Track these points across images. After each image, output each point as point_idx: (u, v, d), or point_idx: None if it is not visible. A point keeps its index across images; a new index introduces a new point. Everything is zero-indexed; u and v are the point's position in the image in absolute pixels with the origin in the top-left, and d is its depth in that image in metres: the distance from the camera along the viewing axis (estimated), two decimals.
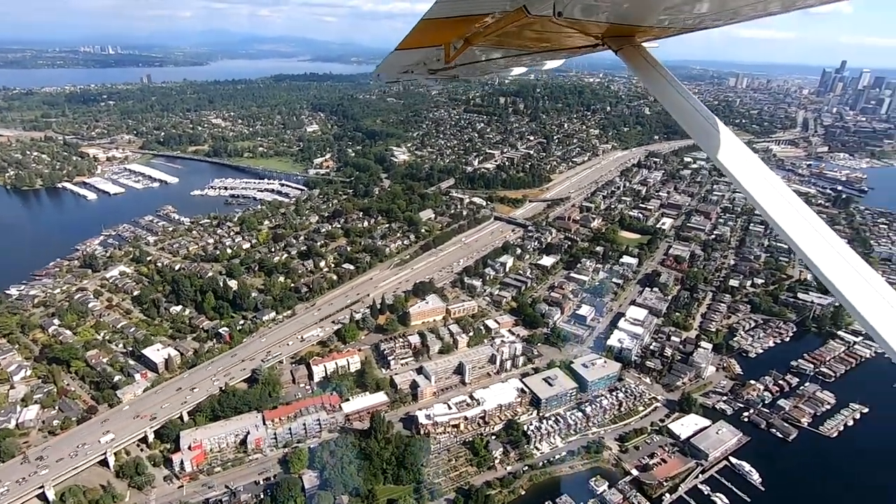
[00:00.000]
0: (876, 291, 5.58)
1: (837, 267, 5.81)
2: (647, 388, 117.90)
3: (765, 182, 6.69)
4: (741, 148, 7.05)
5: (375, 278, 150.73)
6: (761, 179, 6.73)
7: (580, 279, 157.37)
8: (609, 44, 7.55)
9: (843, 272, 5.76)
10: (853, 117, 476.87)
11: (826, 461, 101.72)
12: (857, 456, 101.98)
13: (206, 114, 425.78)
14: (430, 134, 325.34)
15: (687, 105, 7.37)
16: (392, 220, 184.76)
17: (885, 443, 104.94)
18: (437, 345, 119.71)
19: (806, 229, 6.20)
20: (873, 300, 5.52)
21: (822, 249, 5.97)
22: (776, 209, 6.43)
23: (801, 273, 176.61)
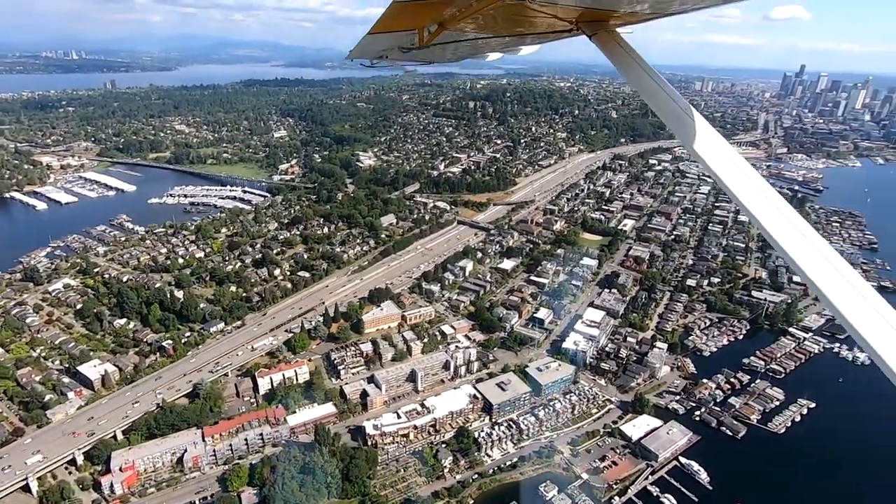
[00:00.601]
0: (838, 272, 5.83)
1: (805, 251, 6.01)
2: (601, 389, 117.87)
3: (737, 169, 6.78)
4: (715, 136, 7.11)
5: (332, 285, 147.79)
6: (734, 167, 6.81)
7: (540, 282, 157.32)
8: (583, 28, 7.57)
9: (811, 257, 5.98)
10: (811, 119, 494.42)
11: (772, 457, 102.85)
12: (802, 451, 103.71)
13: (170, 120, 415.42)
14: (397, 139, 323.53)
15: (662, 93, 7.39)
16: (353, 226, 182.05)
17: (828, 436, 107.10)
18: (391, 352, 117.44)
19: (776, 216, 6.33)
20: (838, 282, 5.75)
21: (791, 235, 6.14)
22: (748, 196, 6.52)
23: (756, 272, 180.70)
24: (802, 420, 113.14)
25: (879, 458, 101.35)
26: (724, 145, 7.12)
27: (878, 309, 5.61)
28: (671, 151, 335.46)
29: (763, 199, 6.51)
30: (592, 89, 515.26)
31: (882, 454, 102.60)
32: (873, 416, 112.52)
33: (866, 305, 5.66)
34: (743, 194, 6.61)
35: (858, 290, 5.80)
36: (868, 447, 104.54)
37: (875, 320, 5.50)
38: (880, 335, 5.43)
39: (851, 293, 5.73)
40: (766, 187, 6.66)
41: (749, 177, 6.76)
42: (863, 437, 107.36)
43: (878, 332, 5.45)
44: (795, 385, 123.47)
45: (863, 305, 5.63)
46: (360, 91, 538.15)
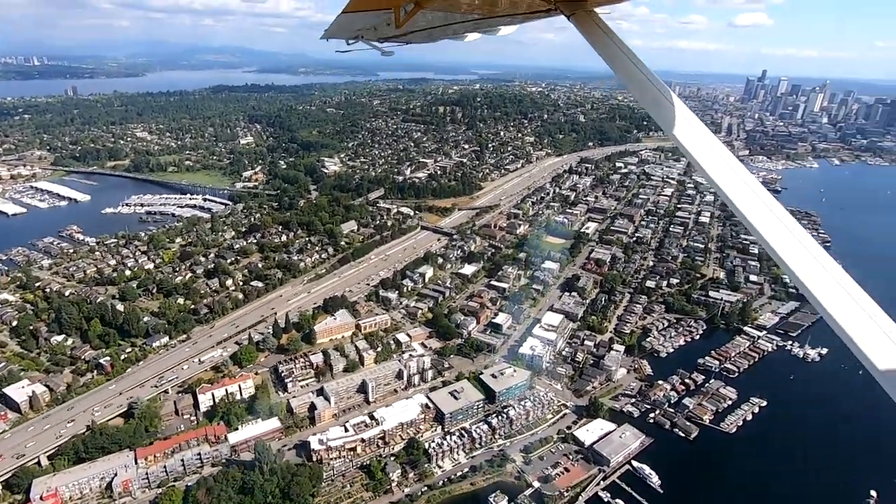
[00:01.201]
0: (808, 251, 6.11)
1: (776, 230, 6.24)
2: (557, 394, 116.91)
3: (714, 153, 6.87)
4: (693, 120, 7.13)
5: (286, 295, 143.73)
6: (711, 150, 6.90)
7: (500, 287, 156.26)
8: (561, 8, 7.61)
9: (782, 235, 6.22)
10: (773, 122, 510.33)
11: (723, 457, 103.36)
12: (751, 450, 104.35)
13: (132, 127, 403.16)
14: (365, 144, 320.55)
15: (640, 75, 7.33)
16: (312, 234, 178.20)
17: (776, 434, 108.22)
18: (342, 363, 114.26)
19: (751, 198, 6.50)
20: (806, 260, 6.06)
21: (764, 216, 6.34)
22: (724, 179, 6.61)
23: (714, 272, 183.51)
24: (753, 419, 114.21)
25: (823, 454, 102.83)
26: (703, 129, 7.11)
27: (846, 289, 5.89)
28: (637, 154, 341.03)
29: (739, 183, 6.62)
30: (563, 94, 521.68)
31: (826, 449, 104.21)
32: (819, 413, 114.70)
33: (834, 283, 5.92)
34: (719, 177, 6.65)
35: (828, 270, 6.03)
36: (813, 443, 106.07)
37: (841, 296, 5.80)
38: (846, 311, 5.70)
39: (820, 272, 5.97)
40: (743, 171, 6.78)
41: (726, 161, 6.81)
42: (808, 433, 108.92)
43: (842, 308, 5.72)
44: (748, 384, 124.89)
45: (830, 283, 5.90)
46: (331, 96, 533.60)
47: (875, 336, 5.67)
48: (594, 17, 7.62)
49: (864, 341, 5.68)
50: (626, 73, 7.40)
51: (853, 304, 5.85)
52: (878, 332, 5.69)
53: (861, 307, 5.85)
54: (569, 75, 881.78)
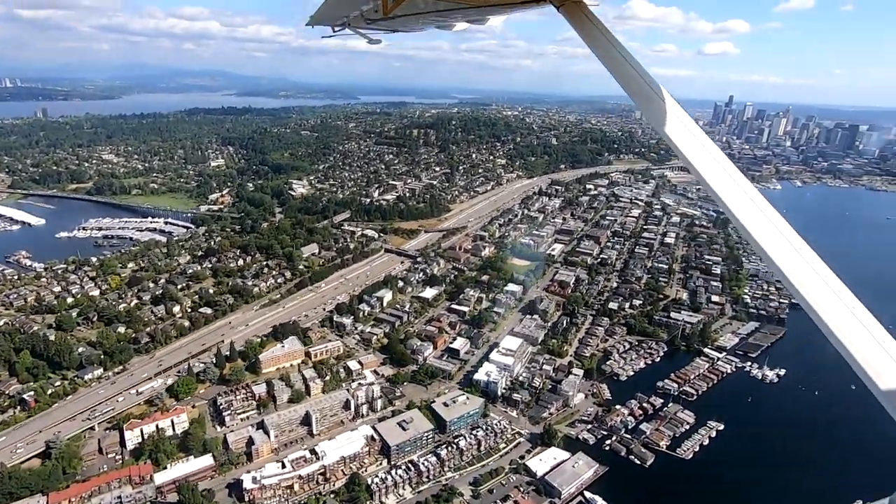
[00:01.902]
0: (790, 244, 6.18)
1: (763, 227, 6.29)
2: (512, 422, 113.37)
3: (705, 151, 6.80)
4: (684, 117, 7.06)
5: (236, 322, 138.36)
6: (701, 148, 6.81)
7: (461, 310, 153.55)
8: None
9: (768, 232, 6.26)
10: (739, 145, 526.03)
11: (678, 485, 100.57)
12: (706, 476, 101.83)
13: (99, 149, 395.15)
14: (335, 167, 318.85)
15: (629, 69, 7.23)
16: (271, 258, 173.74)
17: (732, 459, 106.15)
18: (287, 393, 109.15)
19: (741, 198, 6.47)
20: (784, 249, 6.11)
21: (752, 214, 6.35)
22: (715, 178, 6.57)
23: (677, 292, 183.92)
24: (710, 443, 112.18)
25: (780, 478, 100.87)
26: (693, 126, 7.00)
27: (826, 281, 5.91)
28: (608, 177, 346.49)
29: (730, 182, 6.57)
30: (538, 118, 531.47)
31: (783, 472, 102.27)
32: (777, 435, 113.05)
33: (813, 275, 5.95)
34: (710, 176, 6.56)
35: (808, 262, 6.06)
36: (770, 467, 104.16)
37: (819, 285, 5.86)
38: (839, 317, 5.67)
39: (797, 259, 6.01)
40: (733, 169, 6.69)
41: (716, 158, 6.73)
42: (765, 457, 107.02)
43: (834, 313, 5.69)
44: (706, 407, 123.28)
45: (809, 274, 5.94)
46: (307, 119, 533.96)
47: (872, 347, 5.53)
48: (584, 8, 7.44)
49: (860, 350, 5.46)
50: (615, 67, 7.20)
51: (842, 305, 5.71)
52: (873, 343, 5.60)
53: (853, 312, 5.70)
54: (546, 100, 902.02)
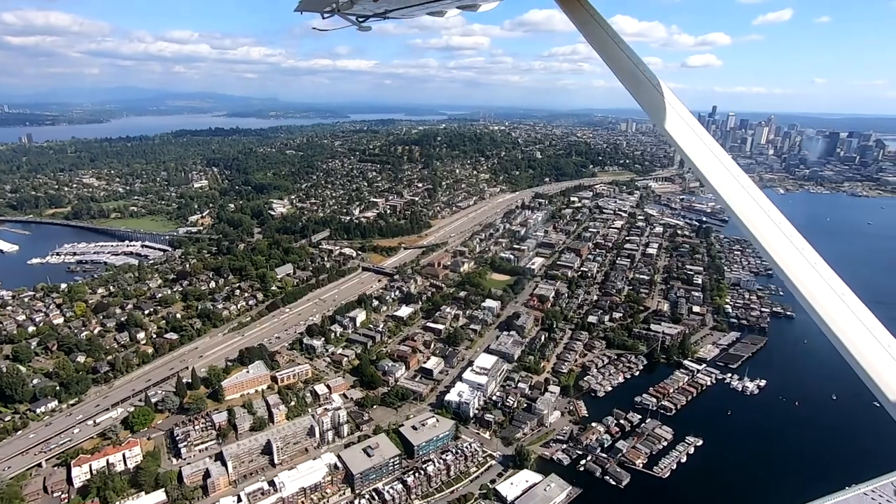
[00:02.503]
0: (789, 240, 6.23)
1: (763, 224, 6.28)
2: (484, 444, 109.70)
3: (703, 146, 6.77)
4: (686, 114, 7.02)
5: (203, 347, 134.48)
6: (703, 147, 6.79)
7: (436, 328, 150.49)
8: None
9: (769, 229, 6.29)
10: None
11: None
12: (684, 495, 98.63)
13: (82, 173, 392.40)
14: (318, 185, 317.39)
15: (629, 63, 7.12)
16: (244, 279, 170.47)
17: (711, 476, 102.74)
18: (249, 421, 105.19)
19: (742, 196, 6.45)
20: (783, 244, 6.20)
21: (754, 212, 6.37)
22: (713, 172, 6.58)
23: (658, 304, 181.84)
24: (688, 460, 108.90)
25: (759, 495, 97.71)
26: (693, 122, 6.96)
27: (824, 277, 6.04)
28: (592, 189, 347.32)
29: (731, 180, 6.52)
30: (524, 132, 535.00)
31: (763, 489, 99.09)
32: (756, 449, 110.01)
33: (809, 268, 6.05)
34: (708, 170, 6.60)
35: (806, 257, 6.10)
36: (748, 483, 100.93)
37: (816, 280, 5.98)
38: (837, 312, 5.81)
39: (795, 254, 6.06)
40: (736, 169, 6.67)
41: (715, 154, 6.71)
42: (744, 473, 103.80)
43: (832, 308, 5.82)
44: (685, 421, 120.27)
45: (805, 266, 6.08)
46: (293, 138, 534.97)
47: (877, 352, 5.57)
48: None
49: (864, 355, 5.50)
50: (613, 60, 7.04)
51: (847, 309, 5.73)
52: (879, 348, 5.65)
53: (858, 317, 5.71)
54: (535, 115, 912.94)
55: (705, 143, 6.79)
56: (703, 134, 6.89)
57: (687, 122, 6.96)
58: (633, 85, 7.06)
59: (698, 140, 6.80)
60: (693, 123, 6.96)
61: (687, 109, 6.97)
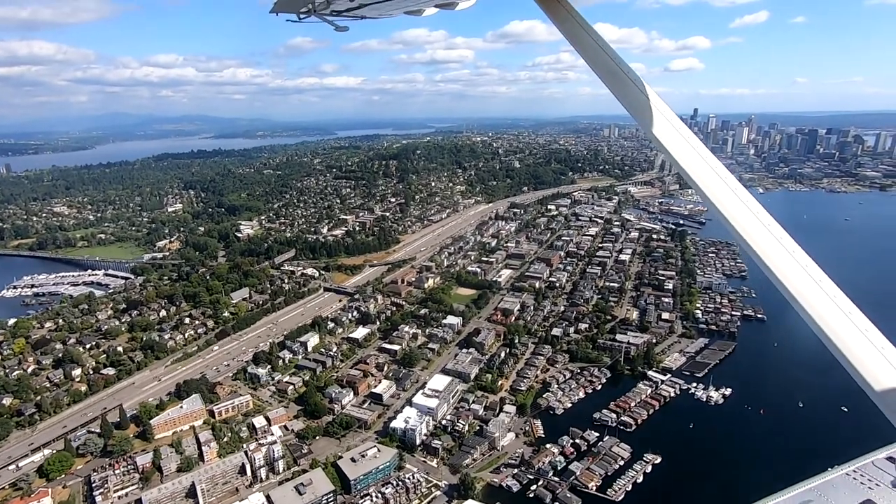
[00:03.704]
0: (772, 235, 6.27)
1: (752, 226, 6.32)
2: (431, 472, 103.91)
3: (687, 145, 6.75)
4: (667, 111, 7.05)
5: (141, 381, 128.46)
6: (688, 148, 6.77)
7: (392, 349, 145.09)
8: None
9: (753, 227, 6.33)
10: None
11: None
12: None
13: (56, 202, 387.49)
14: (290, 204, 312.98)
15: (613, 65, 7.03)
16: (197, 306, 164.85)
17: (668, 496, 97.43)
18: (176, 461, 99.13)
19: (730, 198, 6.49)
20: (771, 245, 6.23)
21: (743, 216, 6.37)
22: (697, 171, 6.58)
23: (626, 312, 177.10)
24: (645, 480, 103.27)
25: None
26: (676, 122, 6.96)
27: (823, 287, 5.98)
28: (570, 196, 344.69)
29: (717, 181, 6.58)
30: (506, 142, 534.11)
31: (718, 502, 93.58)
32: (717, 465, 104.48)
33: (794, 265, 6.07)
34: (698, 176, 6.57)
35: (788, 251, 6.13)
36: (706, 500, 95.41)
37: (816, 292, 5.99)
38: (824, 310, 5.82)
39: (785, 256, 6.08)
40: (722, 170, 6.70)
41: (705, 160, 6.71)
42: (703, 492, 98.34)
43: (818, 304, 5.83)
44: (646, 437, 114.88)
45: (790, 264, 6.09)
46: (273, 157, 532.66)
47: (867, 350, 5.62)
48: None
49: (855, 353, 5.59)
50: (597, 63, 6.95)
51: (837, 308, 5.77)
52: (869, 346, 5.66)
53: (849, 317, 5.75)
54: (521, 124, 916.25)
55: (691, 145, 6.69)
56: (688, 135, 6.77)
57: (672, 124, 6.86)
58: (618, 87, 6.98)
59: (684, 141, 6.69)
60: (678, 125, 6.85)
61: (672, 111, 6.94)
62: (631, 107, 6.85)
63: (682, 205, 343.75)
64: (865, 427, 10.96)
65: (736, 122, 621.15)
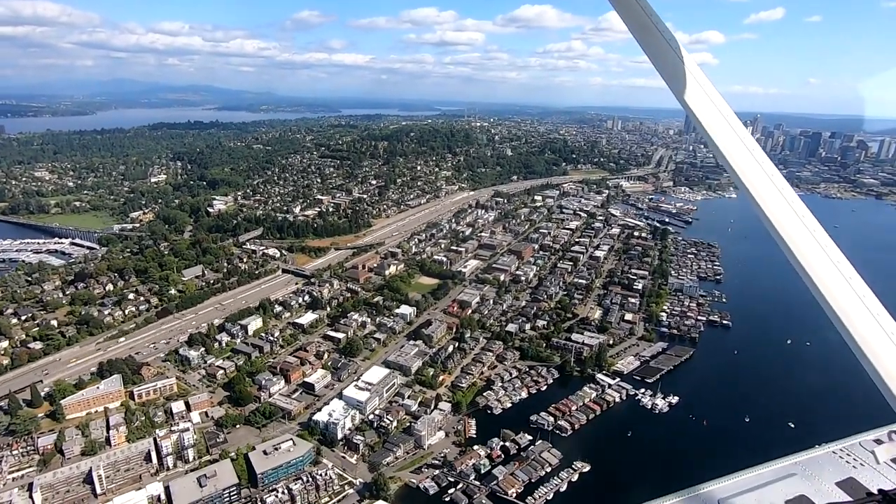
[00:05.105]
0: (803, 223, 5.90)
1: (776, 203, 6.02)
2: (349, 470, 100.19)
3: (723, 120, 6.51)
4: (701, 78, 6.73)
5: (69, 357, 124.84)
6: (720, 117, 6.53)
7: (337, 337, 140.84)
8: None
9: (780, 207, 5.99)
10: (704, 154, 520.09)
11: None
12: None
13: (39, 166, 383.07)
14: (270, 181, 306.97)
15: (641, 14, 6.70)
16: (146, 281, 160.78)
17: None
18: (81, 445, 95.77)
19: (759, 175, 6.16)
20: (799, 232, 5.88)
21: (769, 192, 6.06)
22: (730, 148, 6.28)
23: (590, 310, 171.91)
24: (568, 489, 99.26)
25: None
26: (712, 92, 6.67)
27: (854, 287, 5.72)
28: (560, 187, 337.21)
29: (747, 156, 6.27)
30: (506, 128, 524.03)
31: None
32: (648, 479, 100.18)
33: (837, 274, 5.69)
34: (725, 145, 6.28)
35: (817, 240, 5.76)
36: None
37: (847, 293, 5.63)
38: (853, 312, 5.54)
39: (816, 248, 5.74)
40: (755, 147, 6.45)
41: (735, 129, 6.47)
42: (626, 501, 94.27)
43: (849, 308, 5.53)
44: (580, 443, 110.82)
45: (832, 272, 5.69)
46: (266, 132, 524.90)
47: (880, 338, 5.43)
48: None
49: (870, 345, 5.42)
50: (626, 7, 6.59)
51: (860, 304, 5.59)
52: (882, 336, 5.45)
53: (870, 312, 5.59)
54: (528, 111, 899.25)
55: (724, 116, 6.39)
56: (721, 105, 6.47)
57: (705, 91, 6.55)
58: (649, 44, 6.63)
59: (717, 112, 6.41)
60: (712, 93, 6.54)
61: (707, 79, 6.57)
62: (662, 68, 6.51)
63: (671, 202, 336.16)
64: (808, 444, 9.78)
65: (743, 120, 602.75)
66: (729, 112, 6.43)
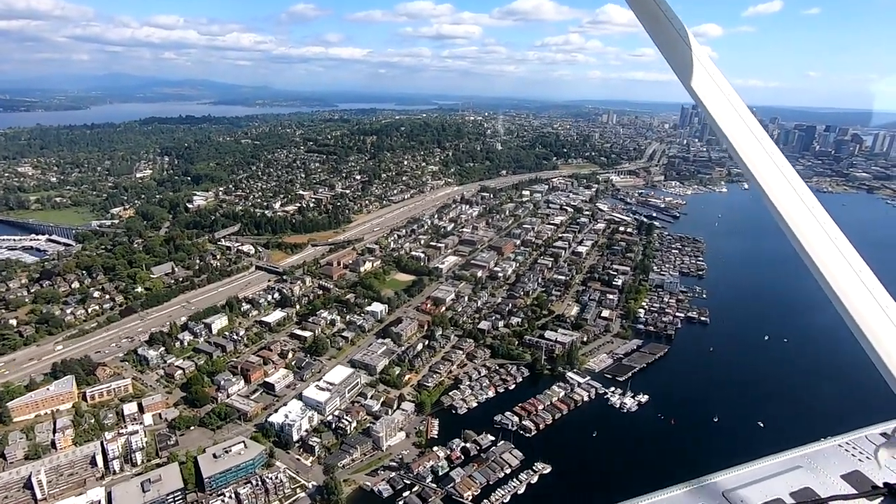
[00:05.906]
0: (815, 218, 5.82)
1: (788, 196, 5.93)
2: (303, 472, 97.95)
3: (735, 114, 6.37)
4: (709, 66, 6.57)
5: (22, 358, 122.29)
6: (729, 106, 6.39)
7: (303, 336, 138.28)
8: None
9: (791, 200, 5.87)
10: (698, 148, 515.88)
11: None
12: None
13: (24, 161, 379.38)
14: (254, 176, 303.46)
15: (658, 11, 6.61)
16: (114, 279, 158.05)
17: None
18: (24, 448, 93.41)
19: (769, 166, 6.03)
20: (811, 227, 5.81)
21: (780, 185, 5.99)
22: (744, 145, 6.13)
23: (567, 307, 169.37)
24: (527, 491, 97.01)
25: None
26: (721, 80, 6.51)
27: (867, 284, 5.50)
28: (549, 182, 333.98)
29: (759, 150, 6.14)
30: (500, 122, 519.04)
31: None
32: (607, 475, 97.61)
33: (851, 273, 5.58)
34: (737, 140, 6.16)
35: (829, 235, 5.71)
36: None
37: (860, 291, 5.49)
38: (865, 309, 5.37)
39: (826, 242, 5.69)
40: (764, 136, 6.34)
41: (745, 120, 6.31)
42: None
43: (862, 306, 5.38)
44: (543, 444, 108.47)
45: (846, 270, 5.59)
46: (255, 127, 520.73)
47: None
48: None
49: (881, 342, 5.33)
50: (642, 7, 6.54)
51: (872, 300, 5.45)
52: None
53: (881, 307, 5.42)
54: (526, 105, 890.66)
55: (732, 105, 6.24)
56: (730, 93, 6.30)
57: (714, 79, 6.36)
58: (656, 31, 6.42)
59: (724, 99, 6.26)
60: (720, 81, 6.37)
61: (716, 67, 6.39)
62: (670, 57, 6.30)
63: (660, 197, 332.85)
64: (776, 445, 8.51)
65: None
66: (739, 102, 6.25)
